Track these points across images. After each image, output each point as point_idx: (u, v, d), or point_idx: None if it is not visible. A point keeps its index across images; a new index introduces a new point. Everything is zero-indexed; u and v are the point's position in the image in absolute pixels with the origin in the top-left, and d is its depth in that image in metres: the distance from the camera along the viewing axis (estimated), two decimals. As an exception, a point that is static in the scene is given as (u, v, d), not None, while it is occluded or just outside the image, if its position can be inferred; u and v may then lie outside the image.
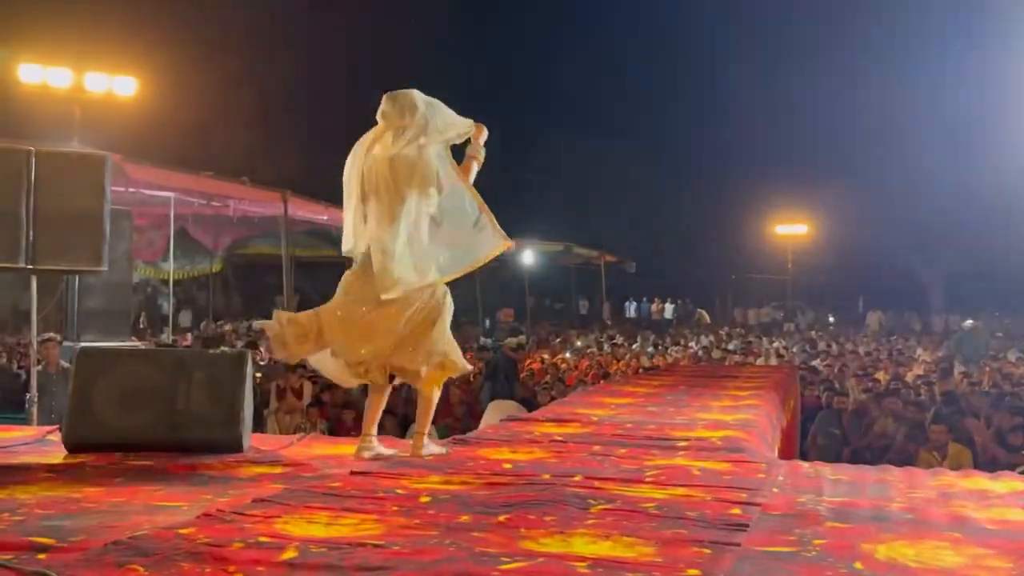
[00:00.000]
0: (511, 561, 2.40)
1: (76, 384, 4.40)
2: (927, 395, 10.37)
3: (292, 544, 2.55)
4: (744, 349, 18.50)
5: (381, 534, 2.70)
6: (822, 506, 3.17)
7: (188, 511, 3.01)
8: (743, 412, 5.81)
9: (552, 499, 3.17)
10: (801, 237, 35.83)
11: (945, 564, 2.49)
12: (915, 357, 16.40)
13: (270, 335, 4.29)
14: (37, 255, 5.66)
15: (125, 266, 10.19)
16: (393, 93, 4.25)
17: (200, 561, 2.38)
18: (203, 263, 22.24)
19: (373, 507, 3.07)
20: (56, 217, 5.69)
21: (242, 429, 4.34)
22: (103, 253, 5.84)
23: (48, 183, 5.68)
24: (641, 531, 2.76)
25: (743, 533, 2.75)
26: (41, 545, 2.54)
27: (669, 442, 4.59)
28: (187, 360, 4.52)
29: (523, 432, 4.86)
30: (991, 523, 2.97)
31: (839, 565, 2.45)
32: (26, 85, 14.87)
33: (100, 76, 15.24)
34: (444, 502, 3.16)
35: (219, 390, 4.37)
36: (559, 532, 2.75)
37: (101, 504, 3.17)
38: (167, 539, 2.57)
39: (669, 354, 17.91)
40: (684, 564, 2.41)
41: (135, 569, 2.31)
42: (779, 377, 8.69)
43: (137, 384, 4.37)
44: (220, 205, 15.23)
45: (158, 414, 4.31)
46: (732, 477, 3.69)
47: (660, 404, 6.28)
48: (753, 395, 6.82)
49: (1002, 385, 11.38)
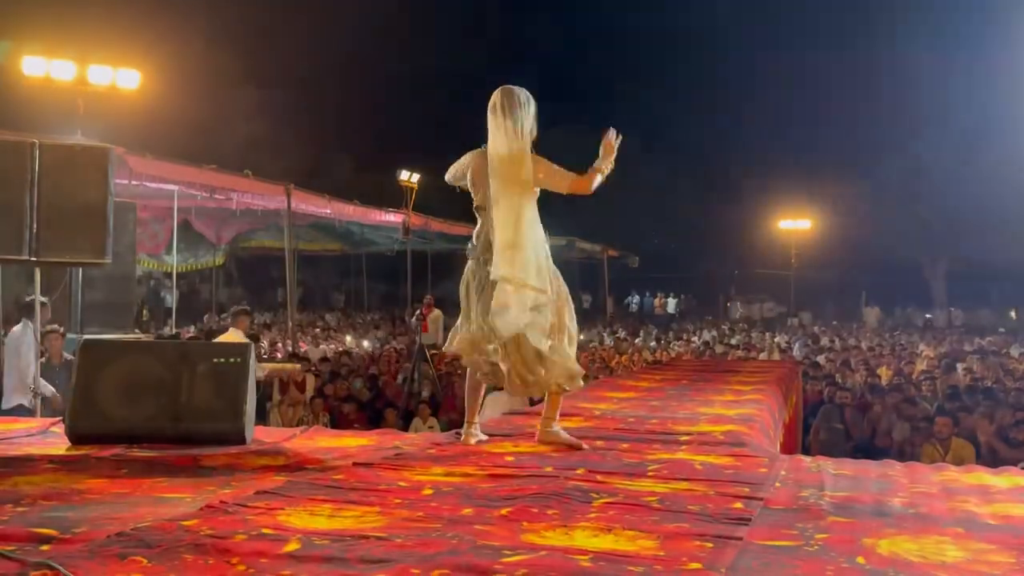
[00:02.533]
0: (513, 554, 2.41)
1: (79, 376, 4.41)
2: (930, 391, 10.36)
3: (295, 536, 2.56)
4: (746, 344, 18.49)
5: (384, 526, 2.71)
6: (824, 501, 3.17)
7: (191, 503, 3.01)
8: (745, 407, 5.81)
9: (554, 492, 3.17)
10: (804, 232, 35.76)
11: (947, 559, 2.49)
12: (918, 353, 16.39)
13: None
14: (41, 247, 5.66)
15: (129, 259, 10.22)
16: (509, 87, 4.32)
17: (203, 553, 2.38)
18: (206, 256, 22.29)
19: (376, 499, 3.07)
20: (60, 210, 5.69)
21: (245, 421, 4.35)
22: (107, 246, 5.84)
23: (52, 176, 5.68)
24: (643, 525, 2.76)
25: (745, 527, 2.75)
26: (44, 536, 2.55)
27: (671, 436, 4.59)
28: (190, 352, 4.53)
29: (525, 425, 4.86)
30: (993, 518, 2.96)
31: (841, 560, 2.45)
32: (30, 78, 14.86)
33: (104, 69, 15.22)
34: (446, 495, 3.17)
35: (222, 382, 4.38)
36: (561, 525, 2.75)
37: (104, 496, 3.17)
38: (170, 531, 2.58)
39: (672, 349, 17.92)
40: (686, 558, 2.41)
41: (138, 561, 2.32)
42: (781, 372, 8.68)
43: (140, 376, 4.38)
44: (223, 198, 15.24)
45: (161, 406, 4.32)
46: (734, 471, 3.68)
47: (662, 398, 6.28)
48: (755, 390, 6.82)
49: (1004, 381, 11.38)
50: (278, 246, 18.67)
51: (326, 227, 21.01)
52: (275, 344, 15.93)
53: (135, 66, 15.74)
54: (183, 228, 16.82)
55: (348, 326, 23.59)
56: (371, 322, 25.30)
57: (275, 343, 16.15)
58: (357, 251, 26.81)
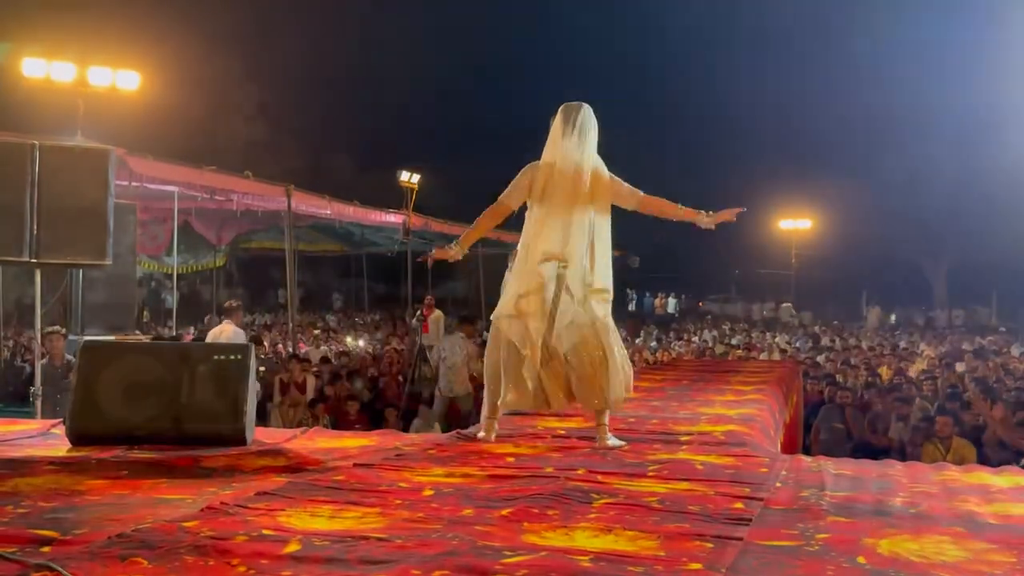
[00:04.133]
0: (514, 555, 2.41)
1: (80, 377, 4.40)
2: (930, 390, 10.36)
3: (295, 537, 2.56)
4: (747, 344, 18.49)
5: (384, 527, 2.71)
6: (825, 501, 3.17)
7: (192, 504, 3.01)
8: (746, 407, 5.81)
9: (555, 493, 3.17)
10: (805, 232, 35.76)
11: (947, 559, 2.49)
12: (919, 352, 16.38)
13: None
14: (41, 249, 5.66)
15: (129, 260, 10.21)
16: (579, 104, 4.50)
17: (203, 554, 2.38)
18: (206, 257, 22.26)
19: (376, 500, 3.07)
20: (60, 211, 5.69)
21: (245, 422, 4.35)
22: (107, 247, 5.84)
23: (52, 177, 5.68)
24: (644, 525, 2.76)
25: (746, 527, 2.75)
26: (45, 538, 2.55)
27: (672, 436, 4.60)
28: (191, 353, 4.53)
29: (526, 426, 4.86)
30: (994, 518, 2.96)
31: (842, 559, 2.45)
32: (30, 79, 14.84)
33: (104, 70, 15.19)
34: (447, 495, 3.17)
35: (223, 383, 4.38)
36: (562, 526, 2.75)
37: (105, 497, 3.17)
38: (170, 532, 2.58)
39: (672, 349, 17.91)
40: (687, 558, 2.41)
41: (138, 562, 2.32)
42: (782, 372, 8.68)
43: (141, 377, 4.37)
44: (223, 199, 15.20)
45: (162, 407, 4.32)
46: (735, 471, 3.69)
47: (663, 399, 6.29)
48: (756, 390, 6.83)
49: (1005, 380, 11.37)
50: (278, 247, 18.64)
51: (326, 228, 20.98)
52: (276, 345, 15.93)
53: (135, 67, 15.72)
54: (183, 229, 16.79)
55: (348, 327, 23.59)
56: (371, 323, 25.30)
57: (276, 344, 16.14)
58: (357, 252, 26.79)
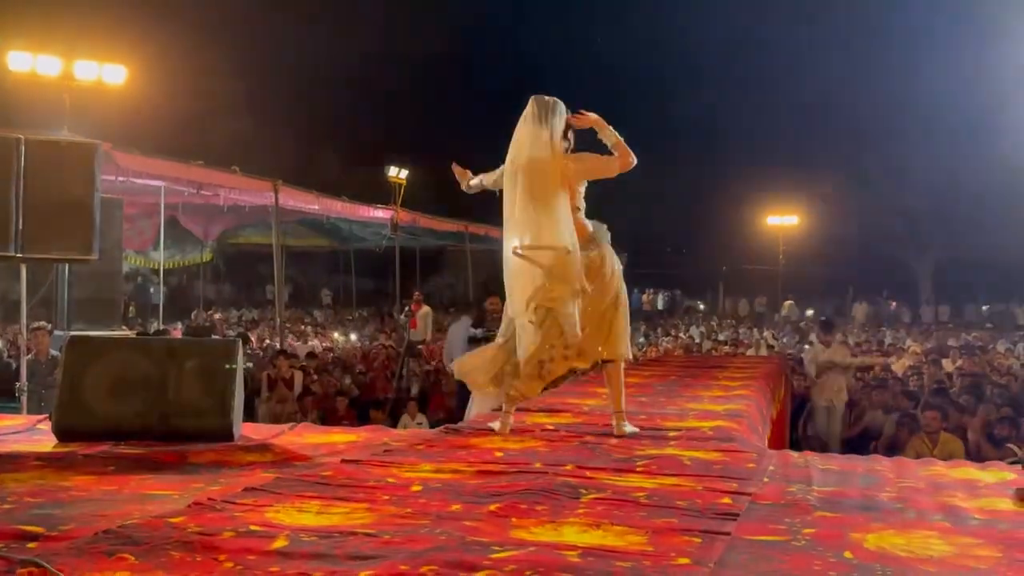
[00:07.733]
0: (502, 550, 2.41)
1: (66, 373, 4.39)
2: (917, 385, 10.41)
3: (283, 533, 2.55)
4: (734, 340, 18.55)
5: (372, 523, 2.70)
6: (812, 496, 3.18)
7: (179, 500, 3.00)
8: (733, 402, 5.82)
9: (543, 488, 3.17)
10: (792, 228, 35.86)
11: (934, 553, 2.50)
12: (905, 348, 16.45)
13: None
14: (26, 244, 5.63)
15: (115, 255, 10.18)
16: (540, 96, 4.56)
17: (190, 550, 2.37)
18: (194, 252, 22.21)
19: (364, 496, 3.07)
20: (46, 206, 5.66)
21: (233, 418, 4.34)
22: (93, 242, 5.82)
23: (38, 171, 5.65)
24: (632, 520, 2.77)
25: (733, 522, 2.76)
26: (31, 534, 2.53)
27: (660, 432, 4.60)
28: (178, 349, 4.51)
29: (515, 422, 4.86)
30: (980, 513, 2.98)
31: (829, 554, 2.46)
32: (15, 73, 14.74)
33: (90, 64, 15.11)
34: (435, 491, 3.16)
35: (210, 379, 4.36)
36: (550, 521, 2.75)
37: (91, 493, 3.16)
38: (157, 528, 2.57)
39: (660, 345, 17.94)
40: (674, 553, 2.42)
41: (125, 558, 2.31)
42: (769, 368, 8.71)
43: (127, 373, 4.36)
44: (211, 194, 15.15)
45: (148, 403, 4.30)
46: (722, 467, 3.69)
47: (651, 394, 6.29)
48: (743, 385, 6.84)
49: (990, 376, 11.43)
50: (266, 242, 18.59)
51: (314, 223, 20.96)
52: (263, 341, 15.88)
53: (121, 61, 15.63)
54: (170, 224, 16.72)
55: (336, 322, 23.54)
56: (359, 318, 25.26)
57: (263, 340, 16.10)
58: (345, 247, 26.76)
